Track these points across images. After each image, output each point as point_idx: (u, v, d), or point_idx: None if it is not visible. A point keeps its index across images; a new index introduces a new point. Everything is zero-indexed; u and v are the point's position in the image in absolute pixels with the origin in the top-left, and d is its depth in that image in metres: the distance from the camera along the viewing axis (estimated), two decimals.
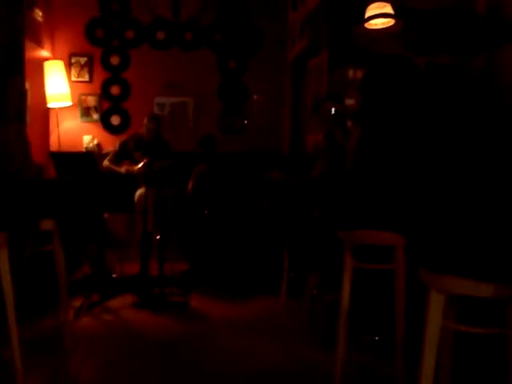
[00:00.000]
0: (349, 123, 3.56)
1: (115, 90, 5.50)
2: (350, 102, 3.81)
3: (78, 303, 3.54)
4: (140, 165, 4.40)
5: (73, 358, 2.72)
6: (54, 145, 5.27)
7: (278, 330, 3.20)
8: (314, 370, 2.58)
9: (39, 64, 4.95)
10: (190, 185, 4.56)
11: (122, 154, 4.63)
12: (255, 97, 5.63)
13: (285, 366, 2.63)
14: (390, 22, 3.70)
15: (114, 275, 4.23)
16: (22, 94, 3.10)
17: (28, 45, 4.51)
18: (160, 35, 5.54)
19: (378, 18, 3.70)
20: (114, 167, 4.56)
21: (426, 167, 2.25)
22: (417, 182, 2.24)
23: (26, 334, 2.71)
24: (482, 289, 1.47)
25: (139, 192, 4.27)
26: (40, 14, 4.93)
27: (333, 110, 3.49)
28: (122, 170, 4.50)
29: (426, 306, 1.60)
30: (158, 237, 4.00)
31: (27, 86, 4.44)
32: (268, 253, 4.21)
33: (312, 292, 3.24)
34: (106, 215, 4.25)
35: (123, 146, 4.66)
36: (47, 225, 2.75)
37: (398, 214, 2.24)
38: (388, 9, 3.69)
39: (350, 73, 4.41)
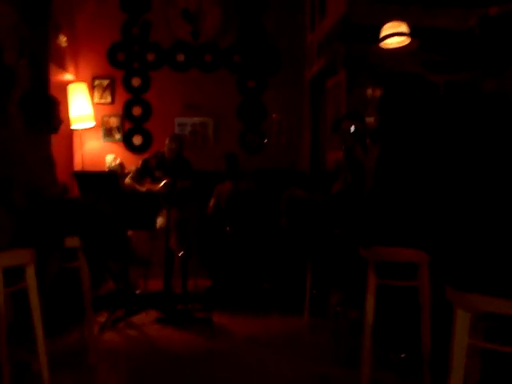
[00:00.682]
0: (368, 141, 3.58)
1: (137, 111, 5.62)
2: (368, 120, 3.84)
3: (102, 318, 3.58)
4: (161, 184, 4.47)
5: (98, 373, 2.76)
6: (77, 165, 5.38)
7: (301, 347, 3.20)
8: None
9: (63, 87, 5.08)
10: (212, 202, 4.61)
11: (144, 172, 4.71)
12: (274, 116, 5.69)
13: None
14: (405, 40, 3.74)
15: (137, 291, 4.27)
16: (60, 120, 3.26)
17: (53, 69, 4.65)
18: (180, 57, 5.66)
19: (393, 37, 3.74)
20: (135, 186, 4.63)
21: (446, 184, 2.25)
22: (439, 198, 2.24)
23: (52, 349, 2.75)
24: (508, 306, 1.46)
25: (160, 220, 4.30)
26: (64, 39, 5.08)
27: (352, 128, 3.52)
28: (143, 189, 4.57)
29: (452, 324, 1.59)
30: (180, 254, 4.04)
31: None
32: (290, 270, 4.22)
33: (335, 309, 3.23)
34: (129, 233, 4.31)
35: (145, 163, 4.74)
36: (72, 242, 2.81)
37: (422, 231, 2.24)
38: (403, 28, 3.72)
39: (369, 91, 4.45)
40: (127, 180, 4.69)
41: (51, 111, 3.15)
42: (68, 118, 5.04)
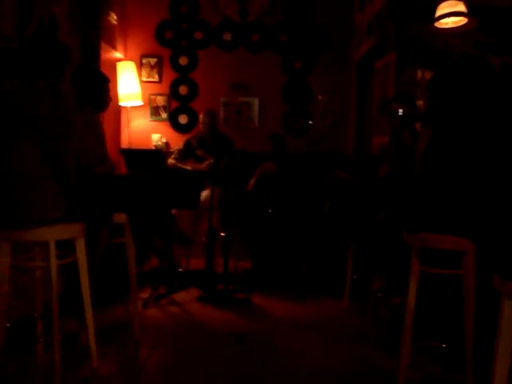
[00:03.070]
0: (417, 125, 3.49)
1: (183, 90, 5.66)
2: (418, 103, 3.73)
3: (145, 295, 3.69)
4: (205, 164, 4.53)
5: (141, 346, 2.85)
6: (124, 142, 5.50)
7: (340, 331, 3.19)
8: (376, 376, 2.54)
9: (112, 65, 5.17)
10: (253, 180, 4.63)
11: (187, 152, 4.78)
12: (320, 97, 5.62)
13: (346, 369, 2.60)
14: (462, 20, 3.59)
15: (180, 269, 4.37)
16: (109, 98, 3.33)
17: (103, 47, 4.73)
18: (227, 36, 5.65)
19: (450, 16, 3.60)
20: (179, 165, 4.70)
21: (499, 171, 2.18)
22: (489, 186, 2.18)
23: (99, 322, 2.86)
24: None
25: (205, 193, 4.38)
26: (115, 17, 5.16)
27: (400, 111, 3.43)
28: (189, 167, 4.65)
29: (499, 314, 1.56)
30: (222, 234, 4.10)
31: None
32: (331, 254, 4.21)
33: (376, 295, 3.21)
34: (174, 211, 4.39)
35: (187, 144, 4.82)
36: (120, 218, 2.88)
37: (470, 219, 2.18)
38: (461, 7, 3.57)
39: (418, 73, 4.32)
40: (170, 160, 4.77)
41: (102, 89, 3.22)
42: (116, 95, 5.14)
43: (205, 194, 4.39)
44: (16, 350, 2.56)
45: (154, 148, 5.53)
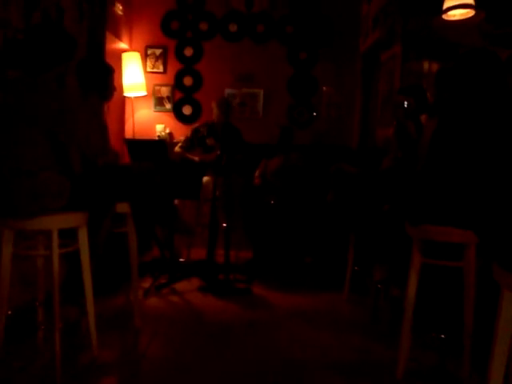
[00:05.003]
0: (422, 117, 3.47)
1: (188, 81, 5.66)
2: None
3: (147, 284, 3.72)
4: (212, 155, 4.52)
5: (141, 335, 2.86)
6: (128, 132, 5.50)
7: (341, 322, 3.20)
8: (376, 365, 2.55)
9: (118, 55, 5.16)
10: (257, 173, 4.62)
11: (195, 141, 4.75)
12: (325, 89, 5.59)
13: (346, 359, 2.62)
14: (469, 12, 3.56)
15: (181, 259, 4.39)
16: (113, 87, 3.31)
17: (108, 37, 4.73)
18: (233, 27, 5.62)
19: (458, 8, 3.57)
20: (185, 154, 4.67)
21: (503, 164, 2.17)
22: (493, 179, 2.16)
23: (100, 310, 2.87)
24: None
25: (206, 179, 4.38)
26: (120, 7, 5.14)
27: (405, 103, 3.41)
28: (196, 158, 4.61)
29: (498, 306, 1.56)
30: (224, 225, 4.10)
31: None
32: (333, 246, 4.21)
33: (377, 286, 3.21)
34: (176, 202, 4.40)
35: (196, 132, 4.78)
36: (122, 208, 2.89)
37: (472, 211, 2.17)
38: None
39: (424, 65, 4.29)
40: (177, 148, 4.75)
41: (105, 78, 3.22)
42: (121, 86, 5.14)
43: (206, 179, 4.39)
44: (17, 338, 2.58)
45: (157, 138, 5.54)
